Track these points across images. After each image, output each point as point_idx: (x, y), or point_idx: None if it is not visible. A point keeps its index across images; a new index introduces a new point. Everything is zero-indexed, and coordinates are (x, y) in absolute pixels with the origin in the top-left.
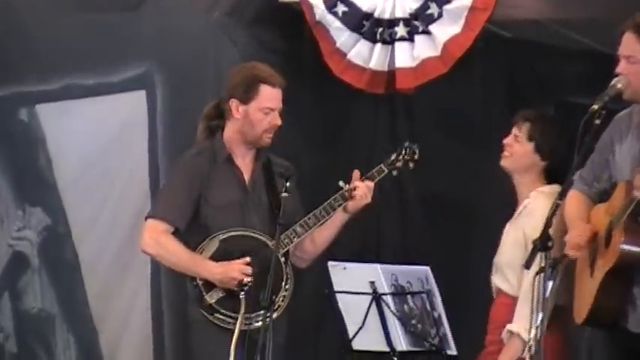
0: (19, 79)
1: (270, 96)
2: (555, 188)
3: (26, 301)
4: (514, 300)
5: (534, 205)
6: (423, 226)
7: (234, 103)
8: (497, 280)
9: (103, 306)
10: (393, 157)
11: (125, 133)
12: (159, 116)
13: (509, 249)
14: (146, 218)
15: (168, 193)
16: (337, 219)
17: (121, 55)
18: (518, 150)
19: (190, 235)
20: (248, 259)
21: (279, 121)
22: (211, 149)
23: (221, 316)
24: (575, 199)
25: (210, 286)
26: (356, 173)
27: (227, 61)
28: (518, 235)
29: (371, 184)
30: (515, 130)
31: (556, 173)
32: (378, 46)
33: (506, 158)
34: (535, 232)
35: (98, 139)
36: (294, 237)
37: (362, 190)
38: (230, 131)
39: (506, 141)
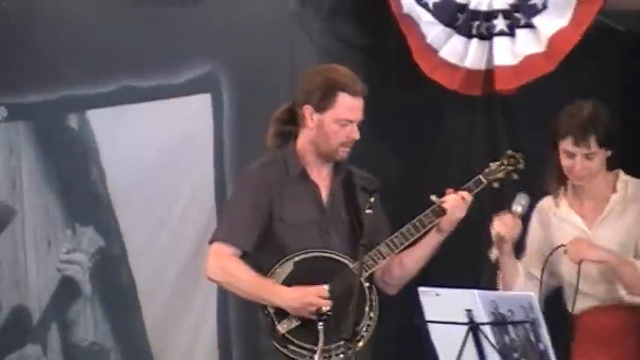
0: (68, 81)
1: (349, 106)
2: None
3: (77, 333)
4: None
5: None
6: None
7: (307, 110)
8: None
9: (163, 338)
10: (494, 167)
11: (187, 141)
12: (226, 122)
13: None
14: (210, 242)
15: (233, 211)
16: (430, 240)
17: (182, 53)
18: (594, 164)
19: (264, 256)
20: (325, 286)
21: (357, 135)
22: (282, 160)
23: (295, 348)
24: None
25: (283, 314)
26: (449, 190)
27: (302, 59)
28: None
29: (467, 195)
30: (580, 150)
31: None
32: (474, 41)
33: (584, 179)
34: None
35: (157, 149)
36: (378, 259)
37: (454, 200)
38: (303, 141)
39: (577, 169)
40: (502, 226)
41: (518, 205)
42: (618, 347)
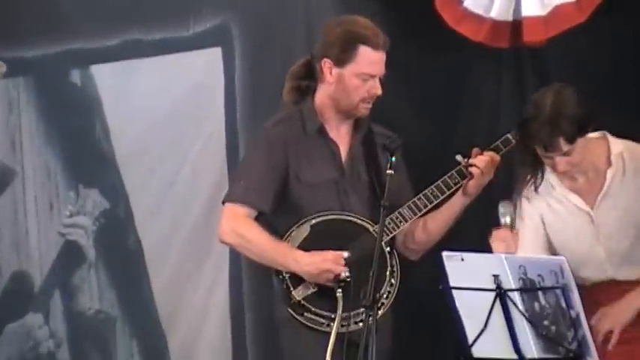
0: (71, 34)
1: (370, 60)
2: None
3: (81, 300)
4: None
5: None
6: None
7: (326, 64)
8: (626, 273)
9: (172, 306)
10: None
11: (197, 98)
12: (237, 78)
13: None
14: (223, 202)
15: (247, 171)
16: (455, 202)
17: (191, 5)
18: (576, 156)
19: (280, 218)
20: (345, 253)
21: (379, 91)
22: (299, 116)
23: (312, 316)
24: None
25: (298, 280)
26: (475, 150)
27: (318, 10)
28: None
29: (495, 155)
30: (554, 154)
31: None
32: None
33: (572, 171)
34: None
35: (165, 106)
36: (400, 222)
37: (482, 162)
38: (322, 96)
39: (560, 168)
40: (502, 244)
41: (505, 215)
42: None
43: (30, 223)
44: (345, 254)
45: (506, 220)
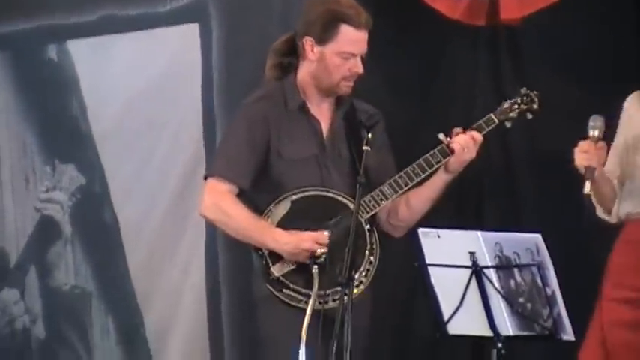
0: (47, 9)
1: (352, 38)
2: None
3: (57, 276)
4: None
5: None
6: (532, 187)
7: (308, 42)
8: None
9: (149, 281)
10: (507, 105)
11: (173, 74)
12: (215, 54)
13: None
14: (205, 177)
15: (228, 146)
16: (437, 180)
17: None
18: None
19: (260, 194)
20: (326, 233)
21: (360, 69)
22: (281, 92)
23: (290, 292)
24: None
25: (277, 256)
26: (457, 129)
27: None
28: None
29: (477, 134)
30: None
31: None
32: None
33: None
34: None
35: (141, 82)
36: (381, 199)
37: (464, 140)
38: (304, 73)
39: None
40: (586, 156)
41: (594, 128)
42: None
43: (6, 199)
44: (326, 233)
45: (594, 133)
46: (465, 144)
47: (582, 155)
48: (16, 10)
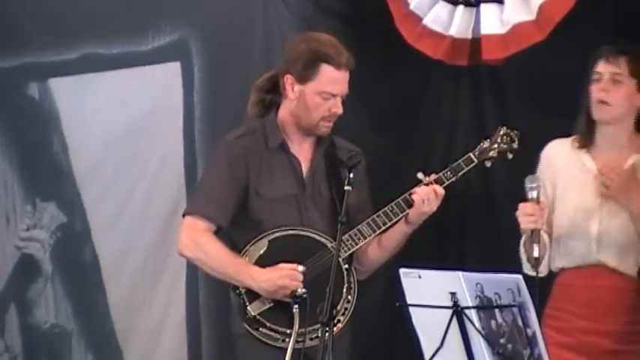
0: (29, 47)
1: (332, 79)
2: None
3: (37, 314)
4: (633, 283)
5: None
6: (514, 227)
7: (289, 80)
8: (605, 258)
9: (128, 321)
10: (486, 144)
11: (155, 112)
12: (196, 92)
13: (624, 219)
14: (183, 215)
15: (207, 184)
16: (396, 231)
17: (151, 19)
18: (619, 92)
19: (238, 232)
20: (300, 267)
21: (340, 110)
22: (262, 130)
23: (267, 331)
24: None
25: (254, 295)
26: (430, 178)
27: (277, 27)
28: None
29: (440, 189)
30: (609, 68)
31: None
32: (460, 8)
33: (605, 108)
34: None
35: (123, 120)
36: (359, 239)
37: (425, 192)
38: (284, 112)
39: (601, 86)
40: (532, 219)
41: (533, 190)
42: (609, 316)
43: None
44: (301, 268)
45: (532, 194)
46: (425, 196)
47: (527, 218)
48: None
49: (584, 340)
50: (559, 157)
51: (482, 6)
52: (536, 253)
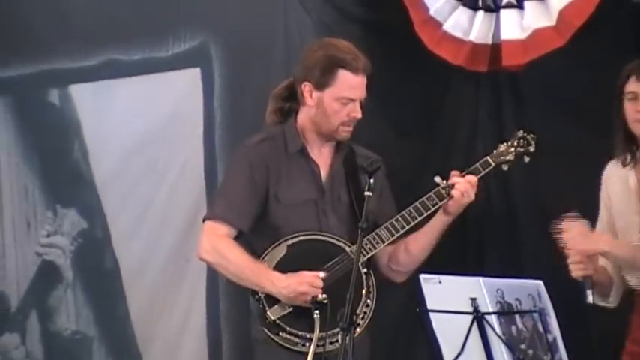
0: (50, 54)
1: (350, 84)
2: None
3: (58, 321)
4: None
5: None
6: (533, 232)
7: (307, 88)
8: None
9: (149, 327)
10: (503, 148)
11: (176, 118)
12: (216, 98)
13: None
14: (204, 220)
15: (228, 189)
16: (436, 223)
17: (170, 25)
18: None
19: (257, 237)
20: (321, 274)
21: (359, 114)
22: (282, 137)
23: (287, 335)
24: None
25: (274, 299)
26: (455, 172)
27: (298, 33)
28: None
29: (474, 178)
30: None
31: None
32: (480, 14)
33: None
34: None
35: (143, 126)
36: (377, 243)
37: (462, 186)
38: (303, 118)
39: (639, 108)
40: (581, 266)
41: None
42: None
43: (7, 243)
44: (321, 274)
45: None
46: (464, 190)
47: (577, 266)
48: (19, 55)
49: None
50: (611, 178)
51: (502, 11)
52: (590, 300)
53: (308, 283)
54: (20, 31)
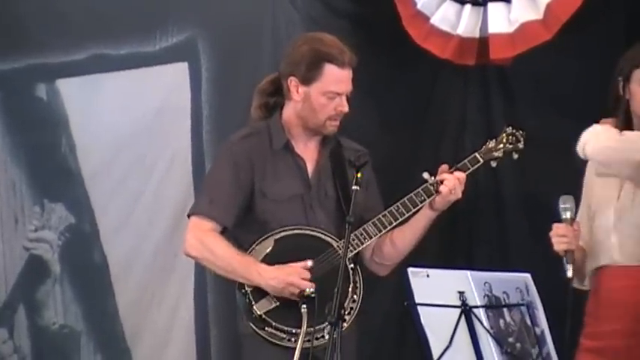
0: (37, 49)
1: (336, 78)
2: None
3: (45, 315)
4: None
5: None
6: (521, 226)
7: (293, 82)
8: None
9: (137, 321)
10: (491, 144)
11: (163, 113)
12: (204, 93)
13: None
14: (189, 215)
15: (212, 185)
16: (422, 218)
17: (158, 20)
18: None
19: (244, 232)
20: (309, 262)
21: (346, 108)
22: (267, 132)
23: (273, 330)
24: None
25: (261, 294)
26: (444, 167)
27: (286, 27)
28: None
29: (462, 175)
30: None
31: None
32: (468, 8)
33: None
34: None
35: (131, 121)
36: (364, 238)
37: (451, 182)
38: (289, 113)
39: None
40: (565, 240)
41: (566, 210)
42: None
43: None
44: (309, 263)
45: (566, 215)
46: (452, 186)
47: (561, 239)
48: (5, 49)
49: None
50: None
51: (490, 5)
52: (569, 274)
53: (296, 274)
54: (7, 25)
